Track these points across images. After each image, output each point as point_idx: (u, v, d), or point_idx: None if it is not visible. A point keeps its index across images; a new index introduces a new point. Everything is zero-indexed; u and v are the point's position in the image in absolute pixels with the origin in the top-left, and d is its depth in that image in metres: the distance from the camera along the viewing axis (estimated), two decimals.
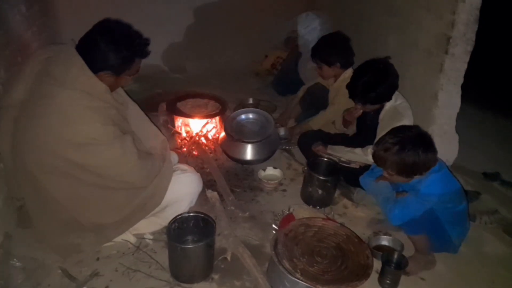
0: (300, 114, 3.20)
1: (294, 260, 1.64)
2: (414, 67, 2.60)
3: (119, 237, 1.90)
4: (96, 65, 1.60)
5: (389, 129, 1.92)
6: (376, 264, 1.83)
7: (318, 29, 3.32)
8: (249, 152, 2.68)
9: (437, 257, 1.98)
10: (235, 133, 2.70)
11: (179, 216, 1.83)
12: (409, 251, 1.97)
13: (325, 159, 2.45)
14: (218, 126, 2.94)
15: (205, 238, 1.70)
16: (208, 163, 2.64)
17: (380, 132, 2.11)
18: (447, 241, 1.93)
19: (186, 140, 2.85)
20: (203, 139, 2.87)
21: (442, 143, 2.40)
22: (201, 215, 1.85)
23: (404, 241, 2.02)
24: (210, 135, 2.90)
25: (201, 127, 2.88)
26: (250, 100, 3.53)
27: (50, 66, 1.59)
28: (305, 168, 2.49)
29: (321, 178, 2.27)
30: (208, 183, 2.46)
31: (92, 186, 1.69)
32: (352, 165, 2.40)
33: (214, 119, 2.90)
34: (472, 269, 1.99)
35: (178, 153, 2.39)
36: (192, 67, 4.42)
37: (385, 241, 2.08)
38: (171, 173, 1.95)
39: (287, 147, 2.97)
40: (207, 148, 2.84)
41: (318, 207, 2.32)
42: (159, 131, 2.06)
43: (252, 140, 2.67)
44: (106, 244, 1.90)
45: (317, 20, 3.37)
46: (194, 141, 2.83)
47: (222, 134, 2.85)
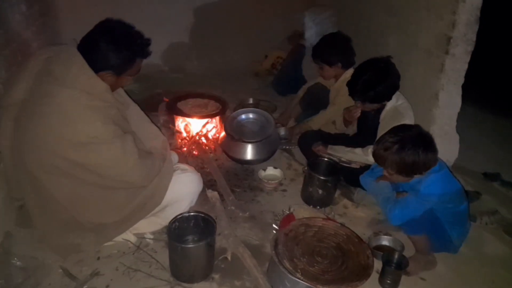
0: (300, 114, 3.20)
1: (295, 260, 1.64)
2: (414, 67, 2.60)
3: (120, 237, 1.90)
4: (97, 65, 1.60)
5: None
6: (377, 264, 1.83)
7: (327, 21, 3.33)
8: (249, 152, 2.68)
9: (437, 257, 1.98)
10: (235, 133, 2.70)
11: (180, 216, 1.83)
12: (410, 251, 1.97)
13: (326, 159, 2.45)
14: (218, 126, 2.94)
15: (206, 238, 1.70)
16: (208, 163, 2.64)
17: (381, 132, 2.10)
18: (447, 241, 1.93)
19: (186, 140, 2.85)
20: (203, 139, 2.86)
21: (443, 143, 2.40)
22: (202, 215, 1.85)
23: (405, 241, 2.02)
24: (210, 135, 2.90)
25: (201, 127, 2.87)
26: (250, 100, 3.53)
27: (51, 66, 1.59)
28: (305, 168, 2.49)
29: (322, 178, 2.27)
30: (208, 183, 2.46)
31: (92, 186, 1.69)
32: (353, 165, 2.41)
33: (214, 119, 2.90)
34: (472, 269, 1.99)
35: (178, 153, 2.38)
36: (192, 67, 4.42)
37: (386, 241, 2.08)
38: (171, 173, 1.95)
39: (287, 147, 2.96)
40: (207, 148, 2.84)
41: (318, 207, 2.32)
42: (159, 131, 2.06)
43: (252, 140, 2.67)
44: (107, 244, 1.90)
45: (326, 12, 3.38)
46: (194, 141, 2.83)
47: (222, 134, 2.85)
